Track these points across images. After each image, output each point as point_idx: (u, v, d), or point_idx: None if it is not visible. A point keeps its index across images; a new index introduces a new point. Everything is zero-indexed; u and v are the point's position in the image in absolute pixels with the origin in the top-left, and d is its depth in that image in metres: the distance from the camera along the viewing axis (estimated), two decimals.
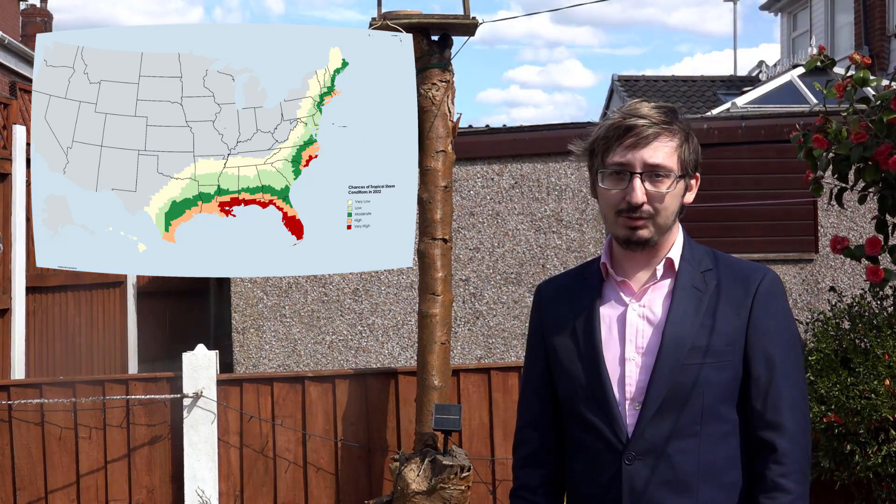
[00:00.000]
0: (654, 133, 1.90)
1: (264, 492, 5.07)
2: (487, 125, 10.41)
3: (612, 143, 1.92)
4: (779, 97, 12.75)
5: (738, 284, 1.96)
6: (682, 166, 1.94)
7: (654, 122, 1.90)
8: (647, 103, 1.94)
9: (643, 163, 1.89)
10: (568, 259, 8.53)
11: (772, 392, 1.91)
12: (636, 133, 1.89)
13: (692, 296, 1.95)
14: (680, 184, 1.94)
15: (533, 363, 2.13)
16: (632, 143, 1.90)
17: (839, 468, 3.85)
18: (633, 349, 1.94)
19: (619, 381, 1.94)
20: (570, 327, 2.01)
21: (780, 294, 1.98)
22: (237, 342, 8.45)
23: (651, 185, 1.90)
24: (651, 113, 1.91)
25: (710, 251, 2.04)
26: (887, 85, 4.05)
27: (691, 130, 1.97)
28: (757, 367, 1.92)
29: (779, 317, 1.96)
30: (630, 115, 1.91)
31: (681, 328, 1.92)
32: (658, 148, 1.90)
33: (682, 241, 2.02)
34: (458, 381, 5.05)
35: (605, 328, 1.98)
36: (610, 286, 2.02)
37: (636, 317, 1.96)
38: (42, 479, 5.02)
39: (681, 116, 1.97)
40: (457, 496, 4.10)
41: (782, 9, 19.79)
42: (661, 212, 1.92)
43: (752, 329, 1.93)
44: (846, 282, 8.74)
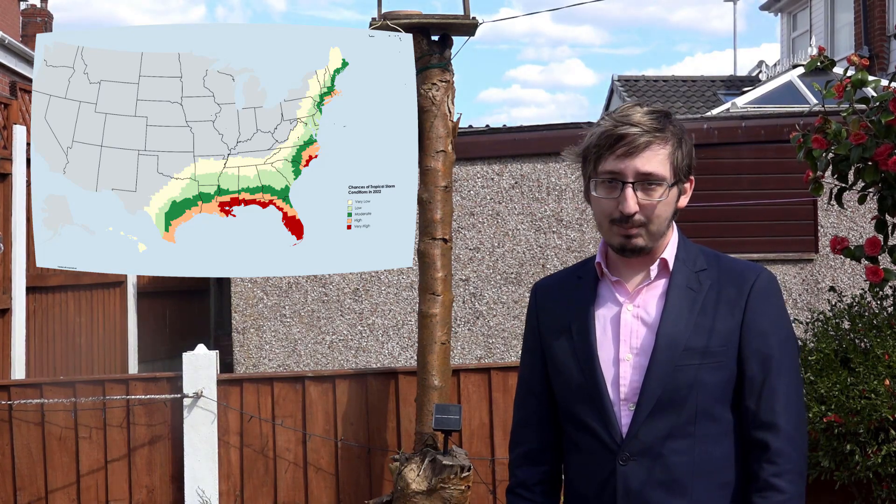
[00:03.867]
0: (646, 142, 1.88)
1: (264, 492, 5.08)
2: (487, 125, 10.41)
3: (604, 152, 1.91)
4: (779, 97, 12.75)
5: (733, 284, 1.96)
6: (674, 173, 1.93)
7: (647, 130, 1.89)
8: (639, 108, 1.93)
9: (635, 172, 1.89)
10: (568, 259, 8.53)
11: (766, 392, 1.91)
12: (628, 142, 1.88)
13: (686, 296, 1.95)
14: (673, 190, 1.93)
15: (530, 362, 2.13)
16: (624, 151, 1.89)
17: (839, 468, 3.85)
18: (628, 349, 1.94)
19: (613, 381, 1.94)
20: (566, 327, 2.02)
21: (774, 293, 1.98)
22: (237, 342, 8.45)
23: (643, 193, 1.90)
24: (643, 120, 1.90)
25: (705, 250, 2.03)
26: (886, 86, 4.05)
27: (684, 134, 1.96)
28: (751, 367, 1.92)
29: (773, 316, 1.95)
30: (622, 122, 1.90)
31: (675, 328, 1.92)
32: (650, 156, 1.89)
33: (677, 242, 2.02)
34: (458, 381, 5.05)
35: (599, 328, 1.98)
36: (605, 286, 2.02)
37: (630, 317, 1.96)
38: (42, 479, 5.02)
39: (674, 121, 1.95)
40: (457, 496, 4.11)
41: (782, 9, 19.78)
42: (654, 220, 1.92)
43: (746, 328, 1.93)
44: (846, 282, 8.75)
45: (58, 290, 8.68)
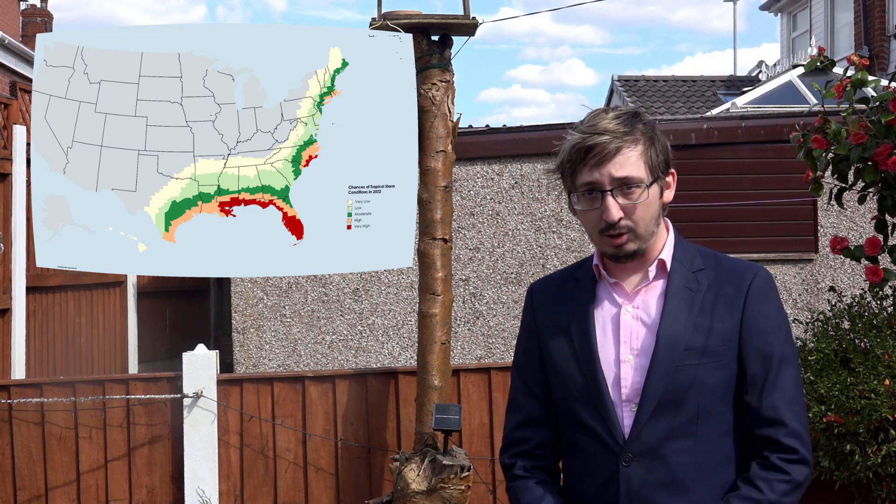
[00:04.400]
0: (615, 147, 1.89)
1: (264, 492, 5.08)
2: (487, 125, 10.40)
3: (577, 165, 1.92)
4: (778, 97, 12.75)
5: (731, 283, 1.97)
6: (651, 171, 1.93)
7: (615, 136, 1.89)
8: (605, 114, 1.93)
9: (611, 178, 1.90)
10: (568, 259, 8.53)
11: (768, 389, 1.92)
12: (598, 151, 1.89)
13: (685, 296, 1.95)
14: (653, 189, 1.94)
15: (527, 363, 2.12)
16: (596, 161, 1.89)
17: (839, 468, 3.85)
18: (628, 350, 1.95)
19: (614, 382, 1.94)
20: (565, 329, 2.02)
21: (772, 291, 1.99)
22: (237, 342, 8.46)
23: (624, 198, 1.91)
24: (610, 126, 1.90)
25: (701, 250, 2.04)
26: (886, 86, 4.05)
27: (655, 131, 1.96)
28: (752, 366, 1.93)
29: (772, 314, 1.96)
30: (589, 132, 1.90)
31: (674, 329, 1.92)
32: (623, 161, 1.90)
33: (673, 241, 2.02)
34: (458, 381, 5.05)
35: (599, 330, 1.98)
36: (603, 287, 2.02)
37: (630, 318, 1.97)
38: (42, 479, 5.02)
39: (643, 118, 1.96)
40: (457, 496, 4.11)
41: (782, 9, 19.78)
42: (639, 222, 1.93)
43: (745, 327, 1.93)
44: (846, 282, 8.75)
45: (58, 290, 8.68)
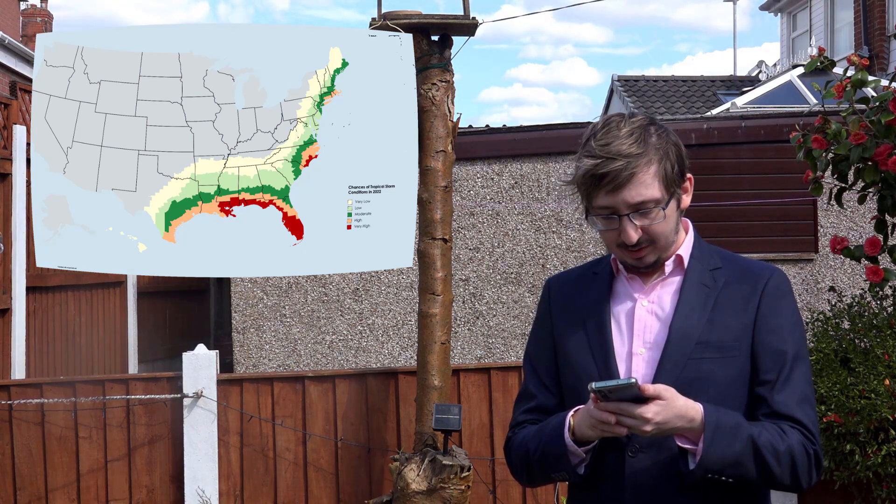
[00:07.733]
0: (629, 175, 1.88)
1: (264, 492, 5.08)
2: (487, 125, 10.40)
3: (592, 189, 1.92)
4: (778, 97, 12.75)
5: (747, 282, 1.98)
6: (667, 188, 1.92)
7: (629, 160, 1.87)
8: (617, 132, 1.90)
9: (626, 204, 1.90)
10: (568, 259, 8.53)
11: (781, 387, 1.92)
12: (611, 178, 1.88)
13: (700, 292, 1.97)
14: (671, 204, 1.94)
15: (539, 355, 2.13)
16: (611, 188, 1.89)
17: (839, 468, 3.85)
18: (641, 343, 1.97)
19: (625, 374, 1.96)
20: (581, 321, 2.03)
21: (788, 292, 2.00)
22: (237, 342, 8.45)
23: (641, 219, 1.91)
24: (622, 148, 1.88)
25: (719, 251, 2.06)
26: (886, 86, 4.05)
27: (669, 143, 1.94)
28: (765, 363, 1.93)
29: (787, 314, 1.97)
30: (603, 156, 1.88)
31: (688, 323, 1.94)
32: (637, 186, 1.89)
33: (692, 240, 2.04)
34: (458, 381, 5.05)
35: (614, 323, 2.00)
36: (620, 282, 2.05)
37: (645, 312, 1.99)
38: (42, 479, 5.02)
39: (657, 130, 1.94)
40: (457, 496, 4.11)
41: (782, 9, 19.78)
42: (659, 237, 1.94)
43: (759, 325, 1.94)
44: (846, 282, 8.74)
45: (58, 290, 8.68)
